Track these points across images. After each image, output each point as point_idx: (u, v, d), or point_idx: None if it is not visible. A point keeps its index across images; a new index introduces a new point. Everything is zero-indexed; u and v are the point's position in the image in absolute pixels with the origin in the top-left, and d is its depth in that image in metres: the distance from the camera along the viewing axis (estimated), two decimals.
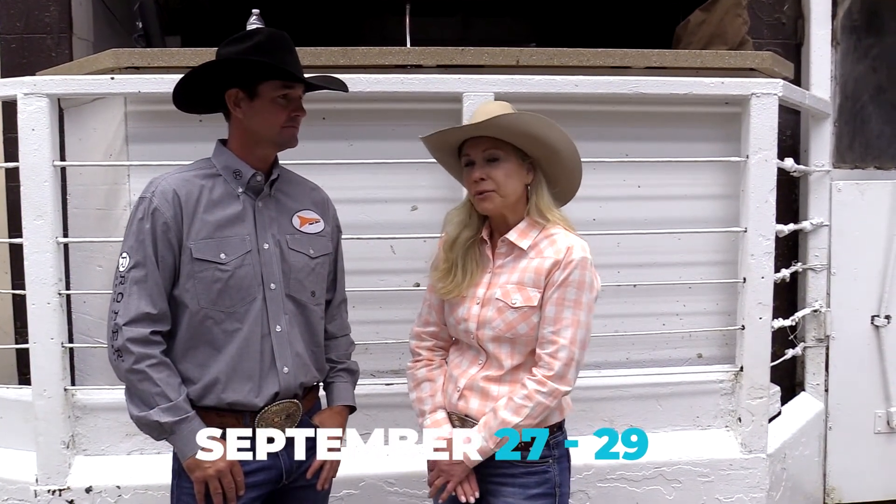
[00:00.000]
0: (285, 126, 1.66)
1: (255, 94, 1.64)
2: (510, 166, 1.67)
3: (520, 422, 1.62)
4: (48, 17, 3.21)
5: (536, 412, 1.62)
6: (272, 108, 1.65)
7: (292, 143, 1.71)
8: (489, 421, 1.65)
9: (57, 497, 2.31)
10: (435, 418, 1.76)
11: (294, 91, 1.66)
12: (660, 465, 2.54)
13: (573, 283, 1.63)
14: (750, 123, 2.54)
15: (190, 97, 1.73)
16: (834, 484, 3.22)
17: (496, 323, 1.67)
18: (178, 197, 1.62)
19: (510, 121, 1.64)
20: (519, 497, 1.68)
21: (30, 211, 2.28)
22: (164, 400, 1.57)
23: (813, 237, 3.14)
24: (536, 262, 1.66)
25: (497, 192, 1.66)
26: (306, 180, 1.86)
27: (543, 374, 1.63)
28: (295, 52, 1.69)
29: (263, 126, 1.66)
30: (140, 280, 1.60)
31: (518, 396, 1.64)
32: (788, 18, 3.32)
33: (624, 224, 2.59)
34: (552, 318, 1.63)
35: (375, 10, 4.57)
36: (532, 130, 1.65)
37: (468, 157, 1.70)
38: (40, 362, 2.31)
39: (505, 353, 1.68)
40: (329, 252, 1.81)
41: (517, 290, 1.67)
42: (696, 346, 2.73)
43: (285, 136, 1.68)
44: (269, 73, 1.63)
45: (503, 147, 1.66)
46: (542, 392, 1.62)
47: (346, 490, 2.38)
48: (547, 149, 1.69)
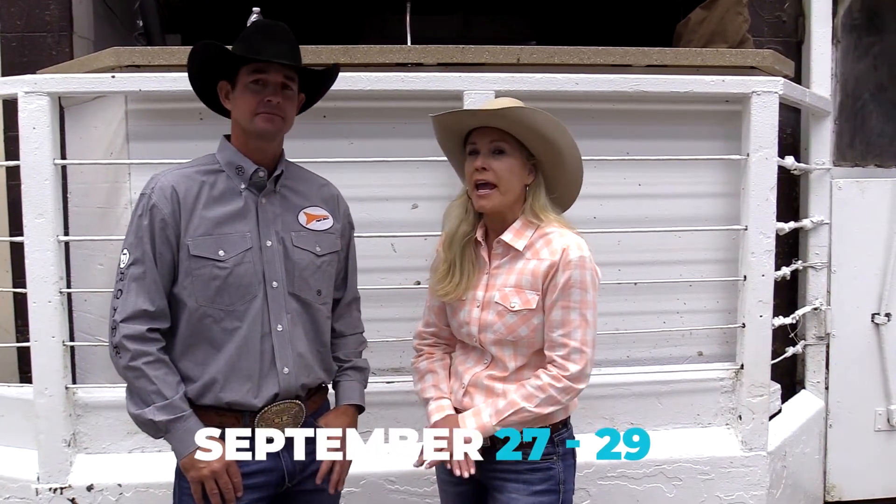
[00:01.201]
0: (258, 112, 1.61)
1: (235, 83, 1.64)
2: (514, 162, 1.67)
3: (529, 407, 1.62)
4: (49, 15, 3.21)
5: (546, 403, 1.63)
6: (246, 96, 1.62)
7: (269, 130, 1.63)
8: (496, 400, 1.66)
9: (58, 495, 2.31)
10: (440, 403, 1.76)
11: (269, 76, 1.61)
12: (660, 462, 2.54)
13: (575, 285, 1.63)
14: (750, 121, 2.54)
15: (203, 97, 1.74)
16: (834, 481, 3.22)
17: (497, 326, 1.67)
18: (177, 193, 1.60)
19: (525, 115, 1.64)
20: (523, 493, 1.68)
21: (31, 209, 2.28)
22: (160, 398, 1.56)
23: (813, 235, 3.14)
24: (533, 263, 1.66)
25: (497, 188, 1.66)
26: (317, 176, 1.83)
27: (561, 373, 1.63)
28: (284, 40, 1.64)
29: (240, 115, 1.64)
30: (138, 277, 1.59)
31: (531, 385, 1.64)
32: (789, 16, 3.32)
33: (624, 222, 2.59)
34: (560, 322, 1.64)
35: (376, 9, 4.56)
36: (544, 130, 1.65)
37: (474, 145, 1.69)
38: (41, 360, 2.31)
39: (508, 355, 1.69)
40: (338, 249, 1.78)
41: (515, 293, 1.67)
42: (697, 343, 2.73)
43: (258, 124, 1.61)
44: (239, 59, 1.60)
45: (510, 141, 1.66)
46: (555, 387, 1.62)
47: (346, 488, 2.36)
48: (553, 152, 1.69)
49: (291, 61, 1.63)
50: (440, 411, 1.74)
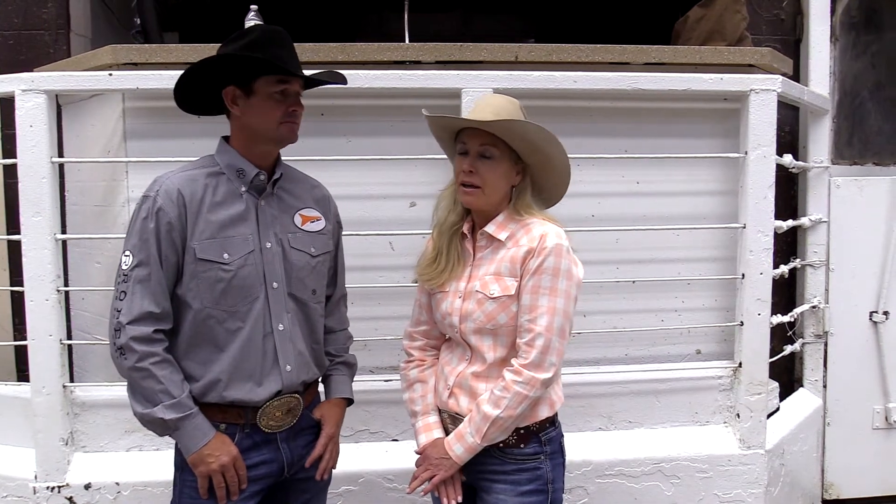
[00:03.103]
0: (283, 122, 1.66)
1: (251, 91, 1.64)
2: (501, 167, 1.68)
3: (500, 413, 1.61)
4: (46, 13, 3.21)
5: (515, 402, 1.61)
6: (269, 104, 1.64)
7: (291, 139, 1.70)
8: (473, 416, 1.66)
9: (56, 494, 2.31)
10: (427, 421, 1.78)
11: (291, 86, 1.65)
12: (658, 460, 2.54)
13: (548, 271, 1.63)
14: (749, 119, 2.54)
15: (190, 97, 1.73)
16: (832, 479, 3.23)
17: (476, 315, 1.68)
18: (183, 196, 1.62)
19: (515, 127, 1.64)
20: (510, 494, 1.68)
21: (28, 207, 2.28)
22: (168, 397, 1.59)
23: (811, 233, 3.15)
24: (512, 251, 1.67)
25: (482, 189, 1.67)
26: (307, 177, 1.86)
27: (520, 364, 1.62)
28: (291, 47, 1.68)
29: (261, 123, 1.66)
30: (144, 279, 1.60)
31: (497, 388, 1.64)
32: (787, 15, 3.32)
33: (623, 220, 2.59)
34: (528, 307, 1.63)
35: (374, 6, 4.56)
36: (535, 141, 1.66)
37: (464, 145, 1.70)
38: (39, 359, 2.30)
39: (487, 345, 1.69)
40: (329, 250, 1.81)
41: (495, 280, 1.67)
42: (695, 342, 2.73)
43: (283, 132, 1.67)
44: (264, 68, 1.62)
45: (499, 146, 1.67)
46: (518, 381, 1.62)
47: (344, 486, 2.38)
48: (542, 159, 1.70)
49: (297, 69, 1.66)
50: (427, 432, 1.76)
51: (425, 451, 1.73)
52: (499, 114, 1.65)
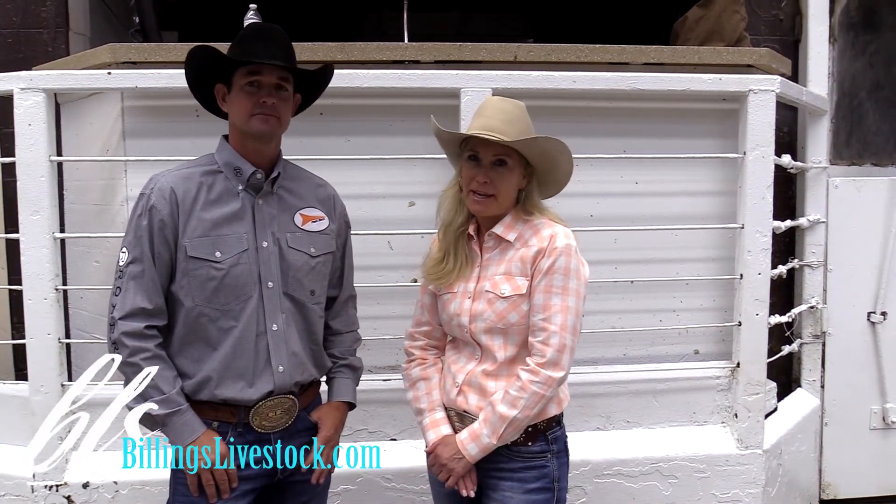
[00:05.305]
0: (254, 113, 1.63)
1: (231, 86, 1.66)
2: (515, 175, 1.70)
3: (517, 414, 1.62)
4: (45, 11, 3.20)
5: (532, 402, 1.63)
6: (241, 97, 1.64)
7: (264, 130, 1.64)
8: (488, 416, 1.66)
9: (54, 493, 2.31)
10: (434, 417, 1.78)
11: (263, 77, 1.63)
12: (656, 460, 2.54)
13: (559, 270, 1.64)
14: (747, 120, 2.54)
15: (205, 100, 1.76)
16: (830, 480, 3.23)
17: (487, 314, 1.68)
18: (175, 194, 1.62)
19: (538, 143, 1.67)
20: (517, 491, 1.69)
21: (26, 206, 2.28)
22: (157, 392, 1.60)
23: (810, 234, 3.15)
24: (522, 251, 1.69)
25: (495, 198, 1.69)
26: (314, 176, 1.85)
27: (536, 363, 1.63)
28: (277, 40, 1.66)
29: (236, 116, 1.66)
30: (137, 275, 1.61)
31: (513, 388, 1.64)
32: (786, 15, 3.32)
33: (621, 220, 2.59)
34: (541, 306, 1.65)
35: (373, 6, 4.56)
36: (551, 153, 1.70)
37: (475, 152, 1.70)
38: (37, 357, 2.30)
39: (497, 344, 1.69)
40: (333, 250, 1.80)
41: (505, 279, 1.68)
42: (693, 342, 2.73)
43: (254, 125, 1.63)
44: (235, 62, 1.63)
45: (513, 155, 1.68)
46: (535, 381, 1.63)
47: (343, 486, 2.38)
48: (550, 166, 1.74)
49: (284, 62, 1.65)
50: (435, 428, 1.76)
51: (436, 450, 1.73)
52: (512, 122, 1.67)
